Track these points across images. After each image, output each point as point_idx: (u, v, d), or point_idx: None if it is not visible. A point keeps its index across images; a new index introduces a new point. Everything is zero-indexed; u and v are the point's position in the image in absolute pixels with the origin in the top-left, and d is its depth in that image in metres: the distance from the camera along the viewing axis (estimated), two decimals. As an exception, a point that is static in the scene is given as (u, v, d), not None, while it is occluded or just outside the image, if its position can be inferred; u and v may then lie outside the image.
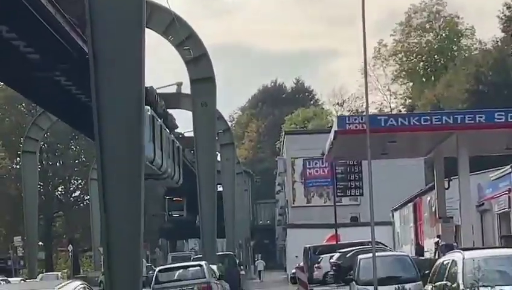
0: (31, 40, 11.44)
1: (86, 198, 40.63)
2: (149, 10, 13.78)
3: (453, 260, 6.29)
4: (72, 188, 45.64)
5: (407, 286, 8.57)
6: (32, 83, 15.26)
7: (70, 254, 40.40)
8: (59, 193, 45.28)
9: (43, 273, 31.34)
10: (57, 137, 40.37)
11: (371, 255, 8.64)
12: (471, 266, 5.26)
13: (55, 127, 33.30)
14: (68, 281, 4.14)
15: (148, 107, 15.04)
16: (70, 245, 39.05)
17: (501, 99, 28.15)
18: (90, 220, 34.18)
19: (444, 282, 6.01)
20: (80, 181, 43.91)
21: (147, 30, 7.59)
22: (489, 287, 4.77)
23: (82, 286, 3.65)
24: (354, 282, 10.38)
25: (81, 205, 44.03)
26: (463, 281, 5.32)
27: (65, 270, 42.15)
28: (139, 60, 5.83)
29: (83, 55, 11.28)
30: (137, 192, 5.85)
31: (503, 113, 13.27)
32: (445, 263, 6.65)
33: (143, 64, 5.87)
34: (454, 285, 5.48)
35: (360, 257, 11.06)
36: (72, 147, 43.49)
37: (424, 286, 7.53)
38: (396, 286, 8.33)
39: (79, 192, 44.85)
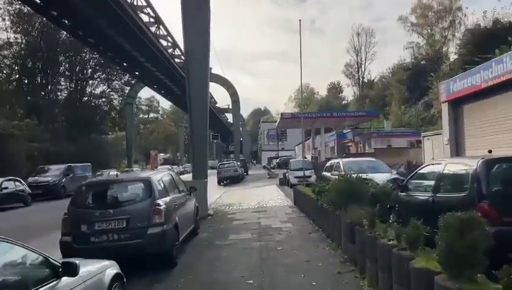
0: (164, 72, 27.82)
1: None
2: None
3: (337, 161, 14.96)
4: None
5: (307, 171, 17.62)
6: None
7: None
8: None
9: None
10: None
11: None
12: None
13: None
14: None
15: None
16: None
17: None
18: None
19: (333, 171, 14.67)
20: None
21: None
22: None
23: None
24: (288, 168, 22.78)
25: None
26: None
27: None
28: (206, 84, 13.61)
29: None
30: (205, 133, 13.97)
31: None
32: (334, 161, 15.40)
33: (207, 86, 13.68)
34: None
35: (291, 160, 26.14)
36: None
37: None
38: (302, 172, 17.15)
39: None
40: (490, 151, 7.65)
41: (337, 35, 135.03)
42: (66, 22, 23.84)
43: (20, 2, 28.30)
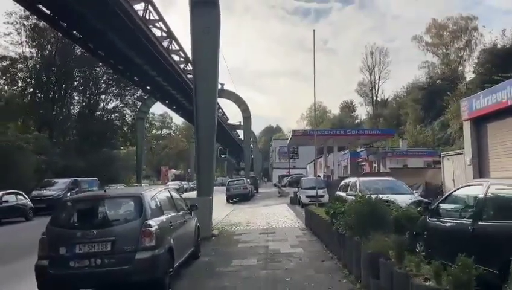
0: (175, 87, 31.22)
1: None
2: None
3: (354, 180, 13.95)
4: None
5: (320, 190, 16.74)
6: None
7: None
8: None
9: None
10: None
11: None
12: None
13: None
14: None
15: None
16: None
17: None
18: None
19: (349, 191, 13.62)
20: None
21: None
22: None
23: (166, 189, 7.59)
24: (299, 187, 22.11)
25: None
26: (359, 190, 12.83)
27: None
28: (214, 97, 12.90)
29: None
30: (212, 147, 13.20)
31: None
32: (350, 181, 14.39)
33: (215, 99, 12.93)
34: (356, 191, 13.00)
35: (302, 178, 25.14)
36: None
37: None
38: (315, 190, 16.22)
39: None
40: (524, 173, 6.73)
41: (350, 55, 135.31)
42: (78, 34, 23.77)
43: (36, 17, 28.56)
